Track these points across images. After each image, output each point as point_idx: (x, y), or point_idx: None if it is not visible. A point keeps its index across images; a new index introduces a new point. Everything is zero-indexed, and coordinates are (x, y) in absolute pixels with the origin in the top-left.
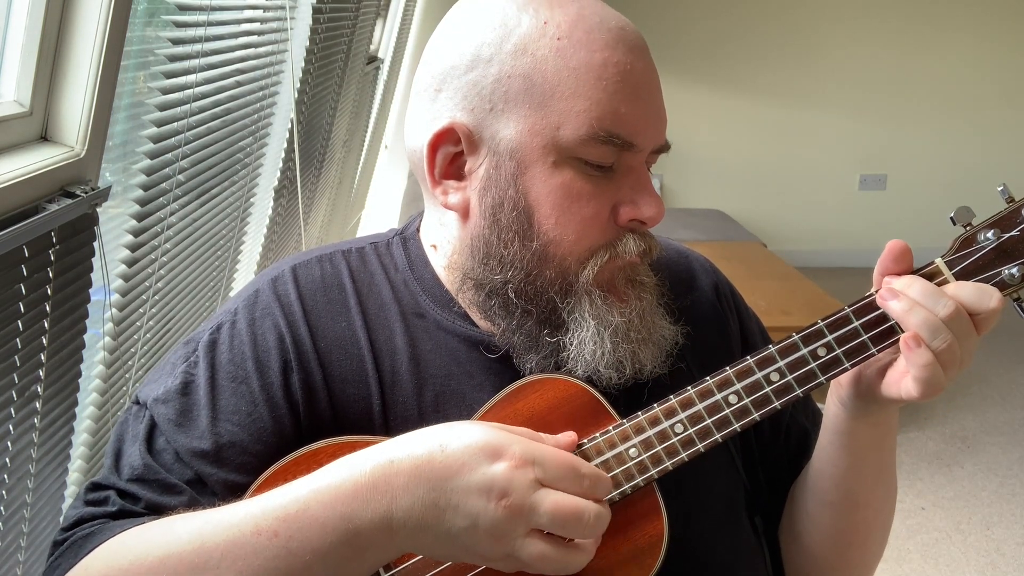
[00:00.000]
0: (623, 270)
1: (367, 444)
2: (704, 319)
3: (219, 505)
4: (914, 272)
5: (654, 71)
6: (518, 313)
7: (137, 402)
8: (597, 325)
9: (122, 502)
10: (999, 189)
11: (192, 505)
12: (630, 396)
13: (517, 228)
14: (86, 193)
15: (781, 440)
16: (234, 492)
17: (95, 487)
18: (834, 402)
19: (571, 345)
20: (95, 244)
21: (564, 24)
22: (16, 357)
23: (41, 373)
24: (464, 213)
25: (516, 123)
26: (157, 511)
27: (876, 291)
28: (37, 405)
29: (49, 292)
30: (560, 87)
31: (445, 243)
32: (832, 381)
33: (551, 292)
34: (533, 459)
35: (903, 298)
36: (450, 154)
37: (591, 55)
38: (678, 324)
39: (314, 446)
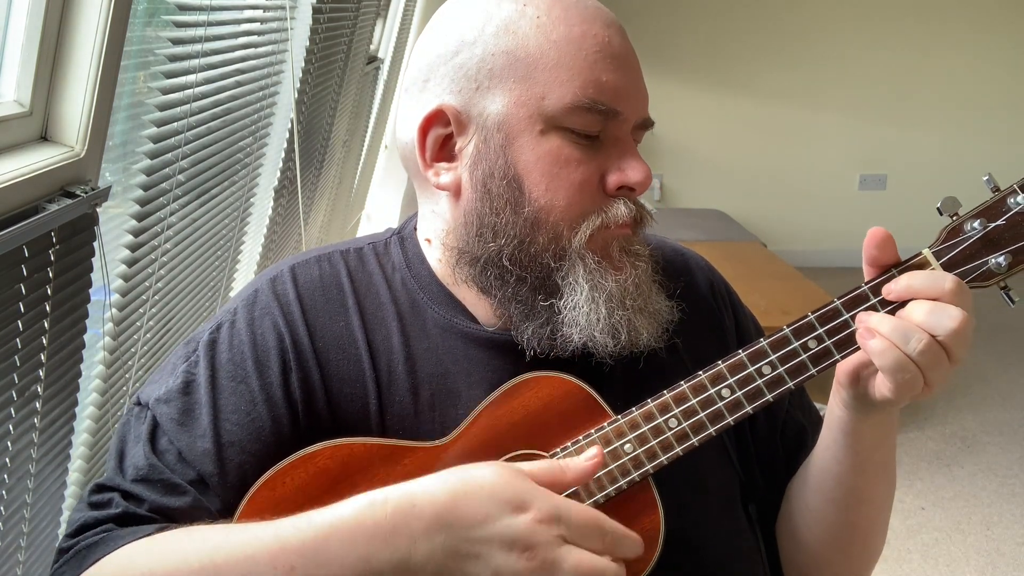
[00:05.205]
0: (617, 239)
1: (364, 447)
2: (699, 314)
3: (218, 518)
4: (902, 263)
5: (632, 49)
6: (513, 280)
7: (138, 403)
8: (591, 290)
9: (126, 504)
10: (984, 179)
11: (195, 506)
12: (627, 374)
13: (508, 196)
14: (86, 193)
15: (777, 436)
16: (234, 492)
17: (99, 488)
18: (837, 404)
19: (565, 309)
20: (95, 244)
21: (542, 5)
22: (16, 357)
23: (41, 373)
24: (456, 191)
25: (502, 97)
26: (161, 513)
27: (866, 283)
28: (37, 405)
29: (49, 292)
30: (542, 59)
31: (439, 230)
32: (834, 384)
33: (545, 257)
34: (558, 515)
35: (879, 338)
36: (440, 136)
37: (570, 28)
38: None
39: (310, 449)
